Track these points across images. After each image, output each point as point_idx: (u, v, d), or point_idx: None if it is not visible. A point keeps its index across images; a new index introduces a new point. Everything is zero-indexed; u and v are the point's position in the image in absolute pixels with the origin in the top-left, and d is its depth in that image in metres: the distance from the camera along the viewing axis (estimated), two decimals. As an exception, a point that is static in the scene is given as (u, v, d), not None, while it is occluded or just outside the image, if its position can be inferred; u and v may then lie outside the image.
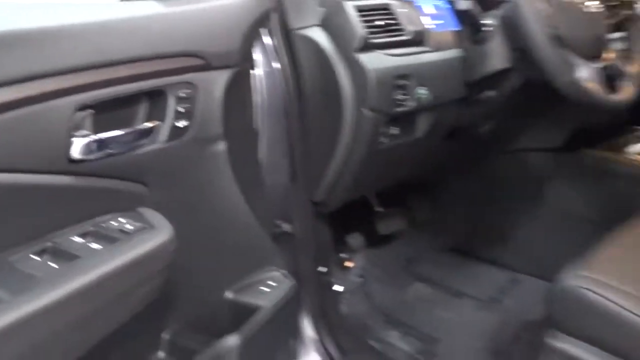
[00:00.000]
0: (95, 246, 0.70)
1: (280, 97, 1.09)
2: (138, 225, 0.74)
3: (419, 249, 1.76)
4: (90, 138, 0.70)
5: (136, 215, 0.78)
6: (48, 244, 0.69)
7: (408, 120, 1.16)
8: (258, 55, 1.08)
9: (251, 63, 1.01)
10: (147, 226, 0.75)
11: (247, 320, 0.95)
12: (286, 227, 1.18)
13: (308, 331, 1.22)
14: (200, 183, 0.88)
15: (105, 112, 0.71)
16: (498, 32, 1.16)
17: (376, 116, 1.07)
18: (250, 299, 1.00)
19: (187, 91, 0.79)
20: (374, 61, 1.05)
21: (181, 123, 0.80)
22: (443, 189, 1.76)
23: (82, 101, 0.68)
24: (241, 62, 0.88)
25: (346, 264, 1.59)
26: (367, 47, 1.06)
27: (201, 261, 0.92)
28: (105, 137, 0.72)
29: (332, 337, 1.23)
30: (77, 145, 0.69)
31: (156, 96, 0.77)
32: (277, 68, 1.09)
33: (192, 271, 0.90)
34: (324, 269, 1.31)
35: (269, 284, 1.04)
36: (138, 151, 0.76)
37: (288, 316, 1.10)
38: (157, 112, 0.78)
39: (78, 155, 0.69)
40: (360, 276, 1.61)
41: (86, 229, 0.73)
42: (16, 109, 0.62)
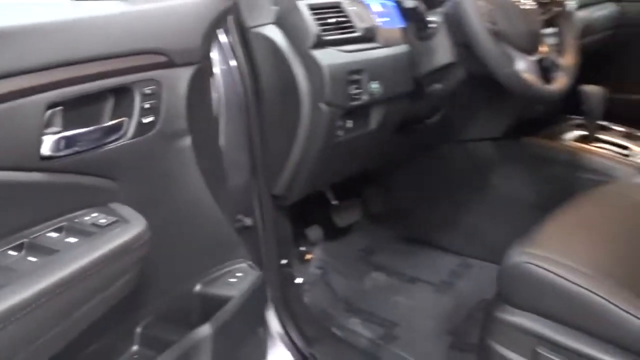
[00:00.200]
0: (72, 240, 0.71)
1: (237, 94, 1.11)
2: (112, 219, 0.75)
3: (375, 240, 1.81)
4: (60, 135, 0.71)
5: (108, 210, 0.79)
6: (25, 240, 0.69)
7: (362, 113, 1.19)
8: (215, 53, 1.10)
9: (210, 61, 1.02)
10: (121, 219, 0.76)
11: (218, 310, 0.97)
12: (247, 222, 1.20)
13: (273, 322, 1.24)
14: (167, 177, 0.90)
15: (74, 110, 0.72)
16: (442, 29, 1.21)
17: (332, 110, 1.10)
18: (219, 290, 1.02)
19: (152, 88, 0.81)
20: (328, 57, 1.08)
21: (147, 119, 0.81)
22: (395, 181, 1.80)
23: (52, 99, 0.69)
24: (203, 59, 0.90)
25: (306, 257, 1.61)
26: (321, 44, 1.08)
27: (171, 254, 0.94)
28: (74, 134, 0.73)
29: (297, 327, 1.25)
30: (48, 142, 0.70)
31: (123, 93, 0.78)
32: (234, 66, 1.10)
33: (163, 264, 0.91)
34: (285, 262, 1.34)
35: (237, 275, 1.06)
36: (106, 147, 0.77)
37: (256, 305, 1.12)
38: (124, 109, 0.79)
39: (49, 152, 0.70)
40: (320, 268, 1.64)
41: (60, 225, 0.74)
42: None
